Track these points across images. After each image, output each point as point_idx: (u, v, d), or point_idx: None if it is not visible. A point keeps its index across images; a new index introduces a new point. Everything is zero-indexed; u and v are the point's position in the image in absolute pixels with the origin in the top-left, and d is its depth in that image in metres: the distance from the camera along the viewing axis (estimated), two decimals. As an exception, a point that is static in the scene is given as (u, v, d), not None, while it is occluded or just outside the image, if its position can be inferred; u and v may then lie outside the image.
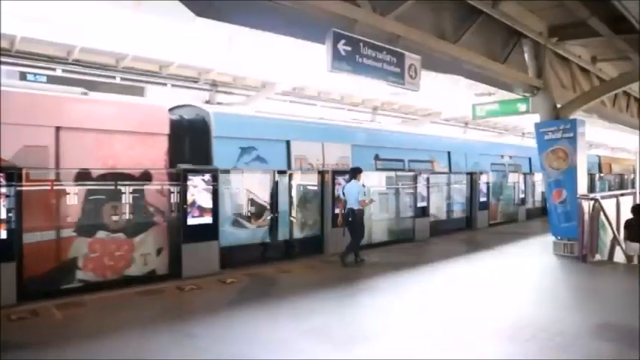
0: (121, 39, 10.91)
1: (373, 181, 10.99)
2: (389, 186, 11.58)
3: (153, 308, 6.03)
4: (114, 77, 12.25)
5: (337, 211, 9.27)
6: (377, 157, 12.14)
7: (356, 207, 8.65)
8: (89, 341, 4.78)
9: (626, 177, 25.14)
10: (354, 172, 8.95)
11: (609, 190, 21.10)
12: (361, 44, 5.98)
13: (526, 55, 9.97)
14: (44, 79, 10.98)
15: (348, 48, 5.79)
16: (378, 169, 11.82)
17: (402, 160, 12.88)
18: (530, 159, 18.95)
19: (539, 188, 18.29)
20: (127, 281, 6.97)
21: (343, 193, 8.94)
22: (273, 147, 9.85)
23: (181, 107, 9.60)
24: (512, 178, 16.69)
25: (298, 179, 9.60)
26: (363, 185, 9.19)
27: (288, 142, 10.06)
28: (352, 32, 5.94)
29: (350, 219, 8.73)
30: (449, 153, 14.93)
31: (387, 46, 6.35)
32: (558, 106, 10.12)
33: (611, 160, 26.79)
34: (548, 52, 10.05)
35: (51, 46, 10.64)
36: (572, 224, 9.40)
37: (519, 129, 26.59)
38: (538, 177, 17.93)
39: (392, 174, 11.80)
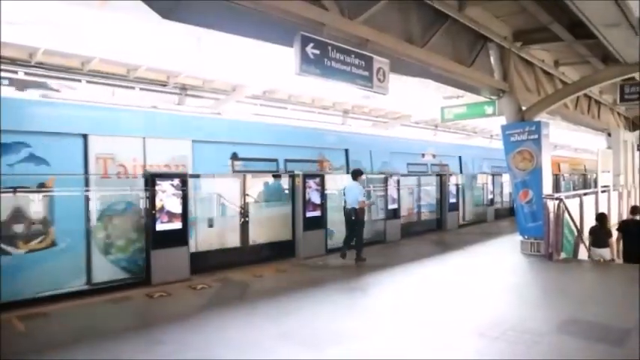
0: (87, 41, 10.66)
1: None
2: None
3: (120, 316, 5.89)
4: (79, 80, 11.97)
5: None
6: (235, 157, 9.65)
7: (357, 206, 9.14)
8: (53, 353, 4.63)
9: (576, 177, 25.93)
10: (355, 174, 9.58)
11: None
12: (330, 48, 6.00)
13: (492, 59, 10.20)
14: (6, 82, 10.63)
15: (317, 51, 5.80)
16: (236, 172, 9.52)
17: (274, 160, 10.34)
18: (460, 158, 17.24)
19: (507, 189, 18.77)
20: (93, 289, 6.80)
21: (344, 193, 9.57)
22: (59, 143, 7.28)
23: None
24: (481, 179, 17.05)
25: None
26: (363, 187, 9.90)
27: (85, 137, 7.57)
28: (321, 36, 5.96)
29: (353, 217, 9.20)
30: (346, 151, 12.41)
31: (355, 49, 6.39)
32: (523, 108, 10.37)
33: (560, 160, 25.55)
34: (513, 56, 10.30)
35: (11, 48, 10.28)
36: (539, 224, 9.64)
37: (487, 131, 27.17)
38: (505, 178, 18.37)
39: (363, 177, 11.87)
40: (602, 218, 9.72)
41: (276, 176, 10.03)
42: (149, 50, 11.54)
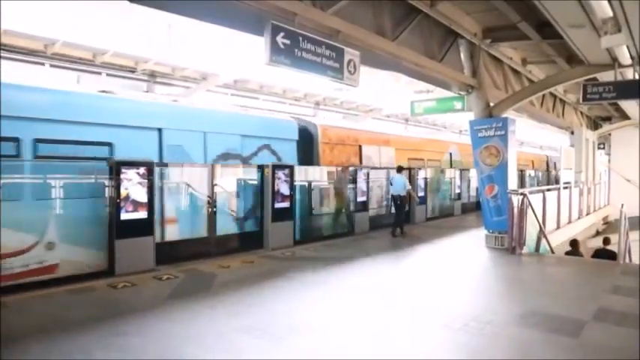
0: (50, 23, 10.32)
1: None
2: (330, 180, 11.68)
3: (82, 307, 5.75)
4: (42, 64, 11.57)
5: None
6: None
7: (402, 194, 11.64)
8: (10, 346, 4.47)
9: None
10: (400, 168, 12.34)
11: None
12: (300, 38, 5.96)
13: (462, 55, 10.33)
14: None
15: (287, 41, 5.75)
16: None
17: None
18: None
19: (474, 184, 19.15)
20: (54, 279, 6.61)
21: (390, 183, 12.40)
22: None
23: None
24: (449, 174, 17.33)
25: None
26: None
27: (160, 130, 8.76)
28: (292, 26, 5.91)
29: (398, 202, 11.73)
30: (160, 131, 8.77)
31: (326, 40, 6.37)
32: (491, 104, 10.56)
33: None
34: (482, 53, 10.46)
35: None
36: (503, 218, 9.86)
37: (457, 126, 27.65)
38: (473, 173, 18.73)
39: (332, 169, 11.90)
40: (574, 244, 10.75)
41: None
42: (117, 35, 11.29)
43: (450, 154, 19.25)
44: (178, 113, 9.33)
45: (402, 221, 11.94)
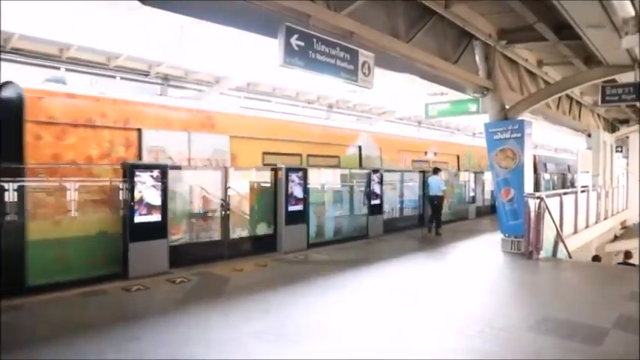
0: (65, 27, 10.40)
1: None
2: (343, 183, 11.61)
3: (96, 310, 5.74)
4: (58, 68, 11.67)
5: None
6: None
7: (438, 194, 12.21)
8: (22, 349, 4.48)
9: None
10: (436, 170, 12.72)
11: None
12: (314, 40, 5.91)
13: (477, 57, 10.20)
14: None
15: (301, 43, 5.70)
16: None
17: None
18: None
19: (489, 187, 18.92)
20: (68, 282, 6.61)
21: (428, 185, 12.72)
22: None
23: None
24: (463, 177, 17.14)
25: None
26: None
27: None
28: (306, 27, 5.86)
29: (435, 202, 12.31)
30: None
31: (340, 42, 6.31)
32: (507, 107, 10.41)
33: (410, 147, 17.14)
34: (497, 55, 10.32)
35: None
36: (519, 222, 9.69)
37: (471, 129, 27.38)
38: (487, 176, 18.50)
39: (346, 171, 11.82)
40: (596, 259, 10.96)
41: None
42: (130, 38, 11.33)
43: (360, 147, 13.64)
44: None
45: (440, 221, 12.52)
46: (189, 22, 11.50)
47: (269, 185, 9.63)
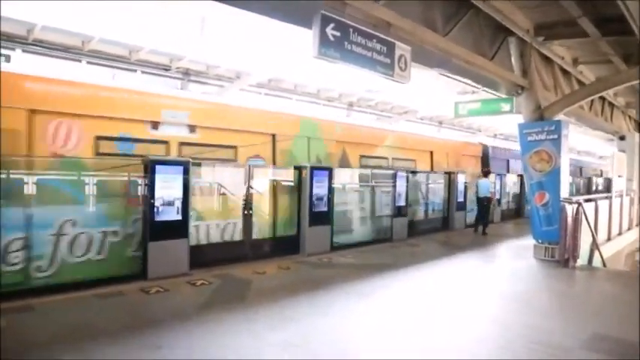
0: (87, 18, 10.19)
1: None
2: (365, 183, 11.19)
3: (112, 314, 5.43)
4: (79, 60, 11.47)
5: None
6: None
7: (488, 195, 12.95)
8: (35, 353, 4.19)
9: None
10: (485, 173, 13.40)
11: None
12: (351, 30, 5.52)
13: (512, 54, 9.72)
14: (3, 59, 10.13)
15: (337, 33, 5.32)
16: None
17: None
18: None
19: (513, 189, 18.36)
20: (83, 282, 6.32)
21: (476, 186, 13.17)
22: None
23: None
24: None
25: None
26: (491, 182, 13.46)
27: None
28: (342, 16, 5.47)
29: (485, 203, 12.96)
30: None
31: (377, 34, 5.91)
32: (542, 106, 9.91)
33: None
34: (533, 52, 9.82)
35: (8, 22, 9.77)
36: (554, 228, 9.21)
37: (492, 130, 26.75)
38: (511, 178, 17.94)
39: (367, 171, 11.40)
40: None
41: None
42: (152, 31, 11.08)
43: (273, 136, 10.00)
44: None
45: (488, 222, 13.20)
46: (210, 13, 11.24)
47: (292, 184, 9.28)
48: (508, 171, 19.03)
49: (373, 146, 12.64)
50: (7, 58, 10.14)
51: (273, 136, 9.91)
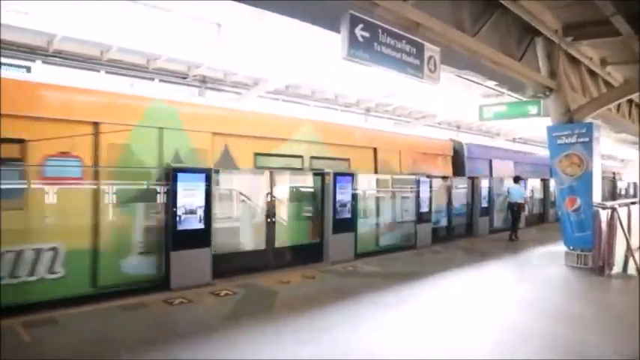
0: (105, 28, 10.18)
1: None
2: (388, 189, 10.93)
3: (135, 326, 5.26)
4: (98, 70, 11.46)
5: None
6: None
7: (519, 201, 13.04)
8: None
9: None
10: (517, 179, 13.44)
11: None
12: (380, 31, 5.31)
13: (539, 55, 9.42)
14: (23, 70, 10.14)
15: (366, 34, 5.12)
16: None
17: None
18: None
19: (536, 194, 17.92)
20: (106, 293, 6.18)
21: (508, 192, 13.30)
22: None
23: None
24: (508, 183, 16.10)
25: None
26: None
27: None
28: (370, 17, 5.27)
29: (515, 209, 12.97)
30: None
31: (407, 34, 5.69)
32: (571, 109, 9.57)
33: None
34: (561, 53, 9.51)
35: (29, 34, 9.78)
36: (587, 234, 8.86)
37: (512, 133, 26.27)
38: (531, 183, 17.36)
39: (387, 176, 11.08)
40: None
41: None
42: (169, 38, 11.06)
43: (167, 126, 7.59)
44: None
45: (517, 227, 13.09)
46: (225, 20, 11.18)
47: (313, 191, 9.09)
48: (491, 174, 15.52)
49: (277, 141, 9.10)
50: (28, 70, 10.15)
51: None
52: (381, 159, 11.31)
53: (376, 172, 11.07)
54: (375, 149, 11.25)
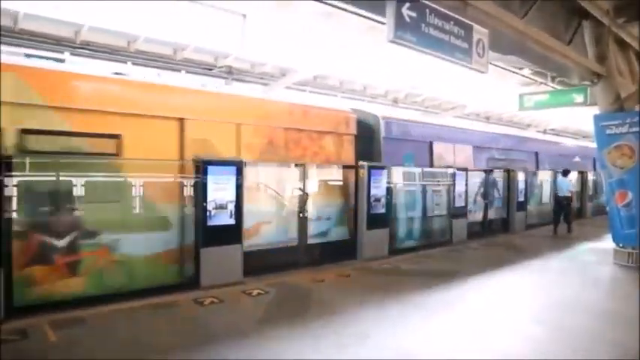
0: (132, 18, 9.97)
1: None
2: (422, 182, 10.44)
3: (165, 328, 4.98)
4: (125, 62, 11.27)
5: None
6: None
7: (568, 195, 12.79)
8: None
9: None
10: (565, 173, 13.13)
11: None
12: (427, 11, 4.88)
13: (586, 40, 8.80)
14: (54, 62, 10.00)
15: (413, 14, 4.69)
16: None
17: None
18: None
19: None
20: (134, 292, 5.92)
21: (556, 185, 13.34)
22: None
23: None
24: (543, 176, 15.31)
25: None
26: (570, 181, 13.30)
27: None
28: (417, -5, 4.84)
29: (565, 202, 12.84)
30: None
31: (454, 15, 5.24)
32: (622, 96, 8.94)
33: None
34: (611, 36, 8.88)
35: (56, 24, 9.62)
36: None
37: (544, 124, 25.35)
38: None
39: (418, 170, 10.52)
40: None
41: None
42: (196, 28, 10.82)
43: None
44: None
45: (570, 221, 13.10)
46: (251, 10, 10.87)
47: (344, 185, 8.70)
48: (432, 161, 11.36)
49: None
50: (61, 61, 9.99)
51: None
52: (191, 137, 6.93)
53: (181, 157, 6.78)
54: (181, 120, 6.91)
